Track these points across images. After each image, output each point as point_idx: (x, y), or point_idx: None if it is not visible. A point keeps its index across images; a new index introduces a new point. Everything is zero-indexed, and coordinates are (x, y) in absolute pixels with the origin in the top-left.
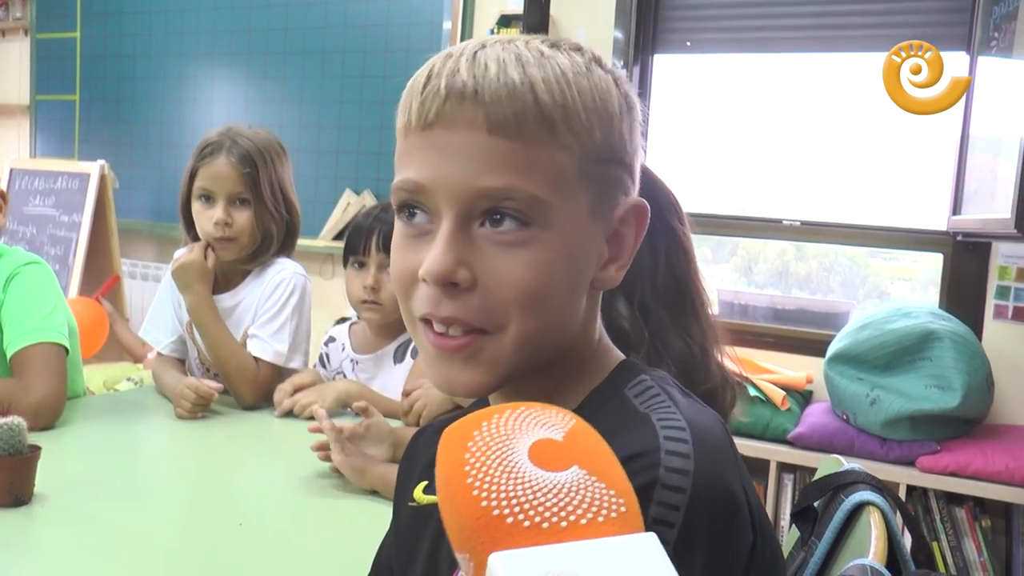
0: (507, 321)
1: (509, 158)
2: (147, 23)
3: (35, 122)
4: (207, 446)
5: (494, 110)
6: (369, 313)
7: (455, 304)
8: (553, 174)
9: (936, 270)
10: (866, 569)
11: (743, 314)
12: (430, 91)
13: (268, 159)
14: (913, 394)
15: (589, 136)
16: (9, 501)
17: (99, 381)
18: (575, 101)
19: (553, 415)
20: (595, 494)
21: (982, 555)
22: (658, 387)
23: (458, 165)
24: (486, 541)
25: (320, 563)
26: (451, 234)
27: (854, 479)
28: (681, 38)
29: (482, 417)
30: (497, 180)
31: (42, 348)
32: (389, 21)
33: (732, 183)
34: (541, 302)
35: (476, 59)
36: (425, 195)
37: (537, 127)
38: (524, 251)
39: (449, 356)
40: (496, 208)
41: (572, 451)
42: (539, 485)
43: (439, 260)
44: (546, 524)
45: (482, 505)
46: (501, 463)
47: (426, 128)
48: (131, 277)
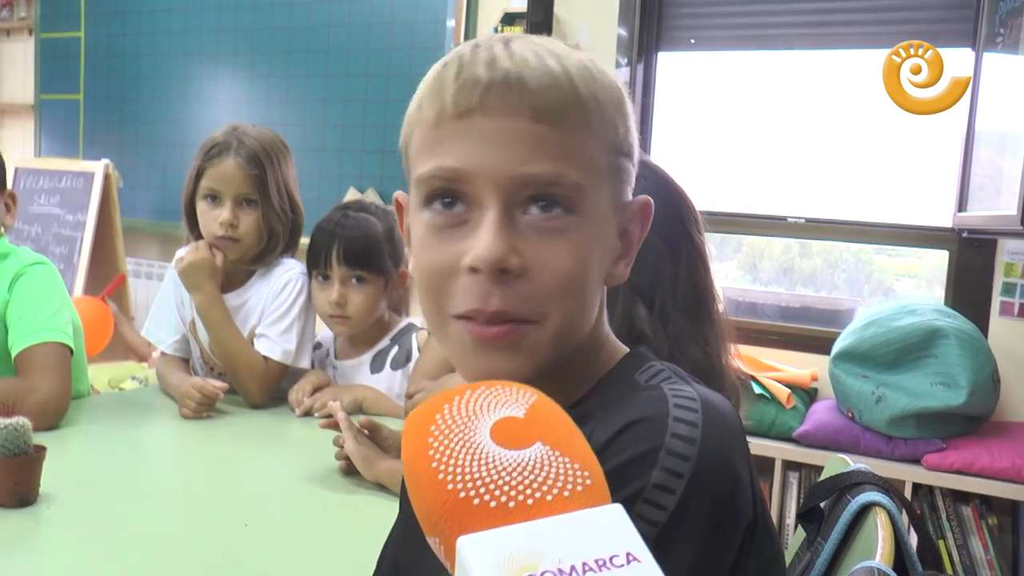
0: (549, 311)
1: (552, 145)
2: (151, 22)
3: (40, 121)
4: (213, 446)
5: (539, 98)
6: (338, 326)
7: (504, 295)
8: (588, 163)
9: (941, 267)
10: (873, 571)
11: (748, 312)
12: (467, 79)
13: (274, 159)
14: (919, 392)
15: (613, 129)
16: (15, 501)
17: (104, 380)
18: (601, 94)
19: (514, 392)
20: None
21: (988, 553)
22: (669, 371)
23: (502, 152)
24: (454, 524)
25: (325, 563)
26: (500, 220)
27: (860, 479)
28: (685, 36)
29: (443, 400)
30: (542, 167)
31: (47, 348)
32: (393, 19)
33: (737, 180)
34: (579, 291)
35: (511, 49)
36: (465, 182)
37: (576, 116)
38: (566, 238)
39: (490, 346)
40: (540, 195)
41: (534, 427)
42: (503, 464)
43: (493, 246)
44: (512, 503)
45: (448, 488)
46: (464, 445)
47: (464, 116)
48: (135, 276)
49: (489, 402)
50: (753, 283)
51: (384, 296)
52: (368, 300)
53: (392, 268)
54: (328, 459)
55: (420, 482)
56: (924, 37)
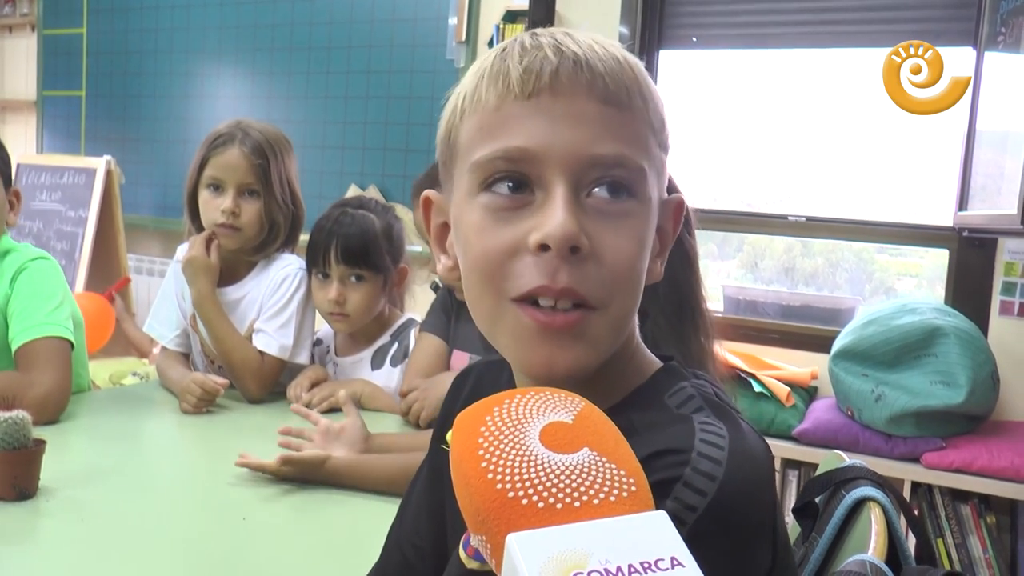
0: (612, 297)
1: (619, 128)
2: (153, 19)
3: (42, 118)
4: (212, 440)
5: (609, 79)
6: (337, 324)
7: (573, 273)
8: (647, 150)
9: (942, 266)
10: (866, 564)
11: (748, 310)
12: (535, 60)
13: (278, 152)
14: (918, 390)
15: (661, 122)
16: (14, 495)
17: (105, 376)
18: (654, 89)
19: (562, 399)
20: (606, 474)
21: (987, 552)
22: (700, 398)
23: (571, 131)
24: (501, 522)
25: (323, 558)
26: (569, 200)
27: (855, 475)
28: (687, 34)
29: (493, 403)
30: (611, 148)
31: (47, 342)
32: (395, 16)
33: (738, 179)
34: (638, 280)
35: (573, 37)
36: (533, 163)
37: (638, 101)
38: (628, 222)
39: (554, 334)
40: (605, 177)
41: (582, 433)
42: (551, 467)
43: (564, 222)
44: (559, 505)
45: (496, 488)
46: (514, 446)
47: (531, 96)
48: (137, 272)
49: (538, 406)
50: (754, 281)
51: (384, 293)
52: (367, 298)
53: (391, 265)
54: None
55: (469, 481)
56: (925, 36)
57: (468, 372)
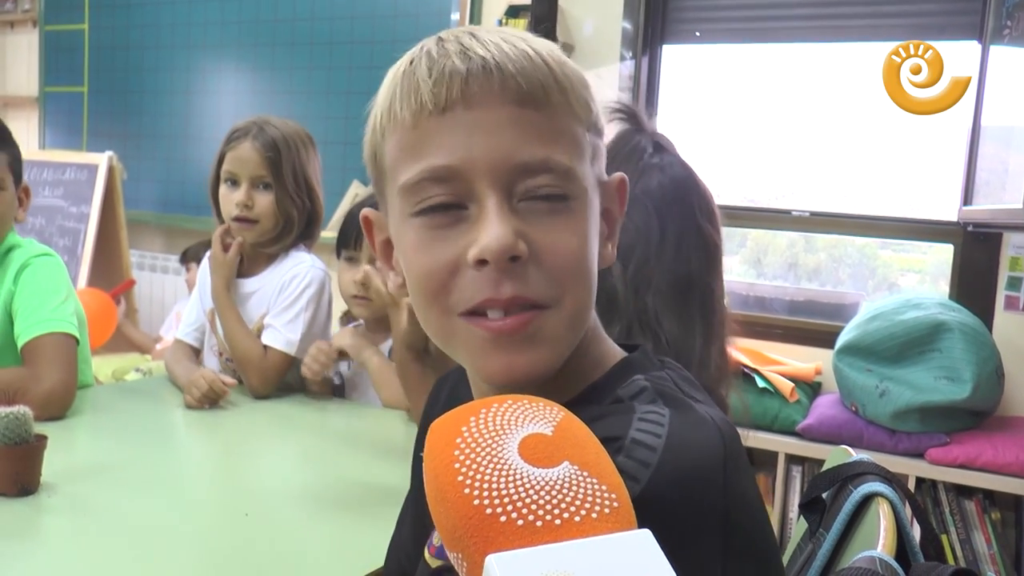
0: (563, 293)
1: (541, 129)
2: (155, 14)
3: (44, 114)
4: (215, 436)
5: (522, 80)
6: (359, 308)
7: (516, 282)
8: (574, 144)
9: (946, 261)
10: (875, 561)
11: (753, 306)
12: (443, 72)
13: (292, 146)
14: (922, 386)
15: (587, 108)
16: (15, 490)
17: (108, 372)
18: (573, 75)
19: (541, 408)
20: (587, 490)
21: (992, 548)
22: (653, 390)
23: (492, 141)
24: (479, 541)
25: (327, 554)
26: (500, 209)
27: (863, 470)
28: (690, 28)
29: (470, 411)
30: (534, 152)
31: (53, 338)
32: (396, 12)
33: (741, 174)
34: (588, 272)
35: (479, 38)
36: (459, 179)
37: (557, 96)
38: (567, 220)
39: (508, 340)
40: (534, 180)
41: (562, 446)
42: (531, 482)
43: (500, 234)
44: (540, 523)
45: (474, 504)
46: (492, 459)
47: (445, 111)
48: (139, 268)
49: (516, 417)
50: (758, 277)
51: None
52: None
53: None
54: (331, 450)
55: (445, 496)
56: (931, 30)
57: (446, 378)
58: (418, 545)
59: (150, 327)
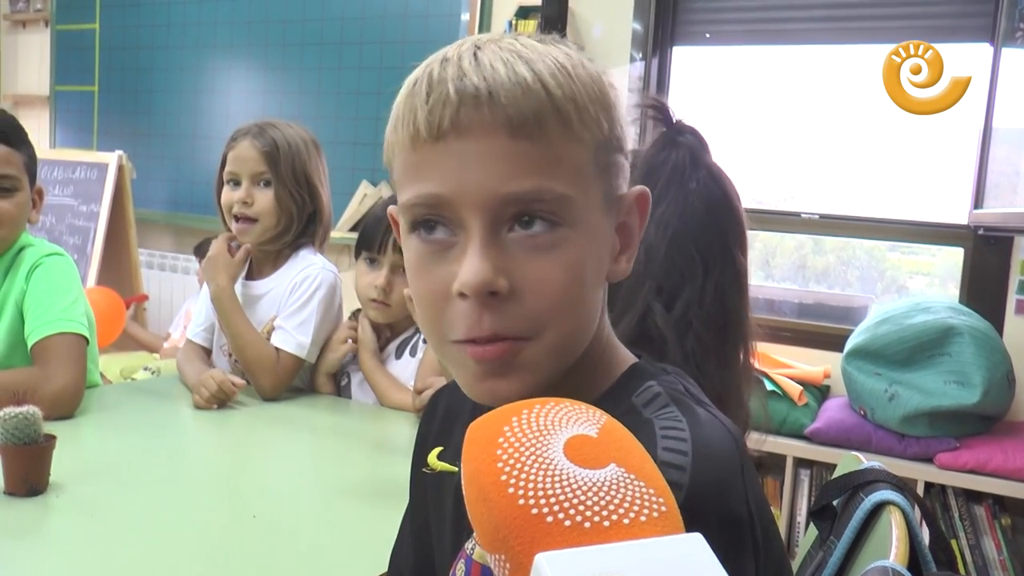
0: (543, 327)
1: (533, 159)
2: (165, 14)
3: (55, 113)
4: (224, 437)
5: (513, 111)
6: (376, 312)
7: (495, 317)
8: (574, 169)
9: (955, 264)
10: (887, 571)
11: (761, 308)
12: (438, 99)
13: (292, 145)
14: (932, 390)
15: (598, 127)
16: (24, 490)
17: (116, 371)
18: (581, 93)
19: (584, 411)
20: (635, 493)
21: (1002, 554)
22: (666, 395)
23: (482, 172)
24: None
25: (335, 554)
26: (484, 242)
27: (874, 478)
28: (700, 30)
29: (511, 412)
30: (524, 184)
31: (63, 338)
32: (407, 12)
33: (750, 176)
34: (575, 304)
35: (479, 60)
36: (449, 207)
37: (555, 123)
38: (557, 253)
39: (489, 365)
40: (525, 211)
41: (608, 448)
42: (578, 483)
43: (477, 270)
44: (588, 524)
45: (519, 503)
46: (537, 459)
47: (438, 139)
48: (148, 267)
49: (560, 418)
50: (766, 280)
51: None
52: None
53: None
54: (339, 452)
55: (488, 496)
56: (942, 32)
57: (441, 392)
58: (421, 562)
59: (159, 325)
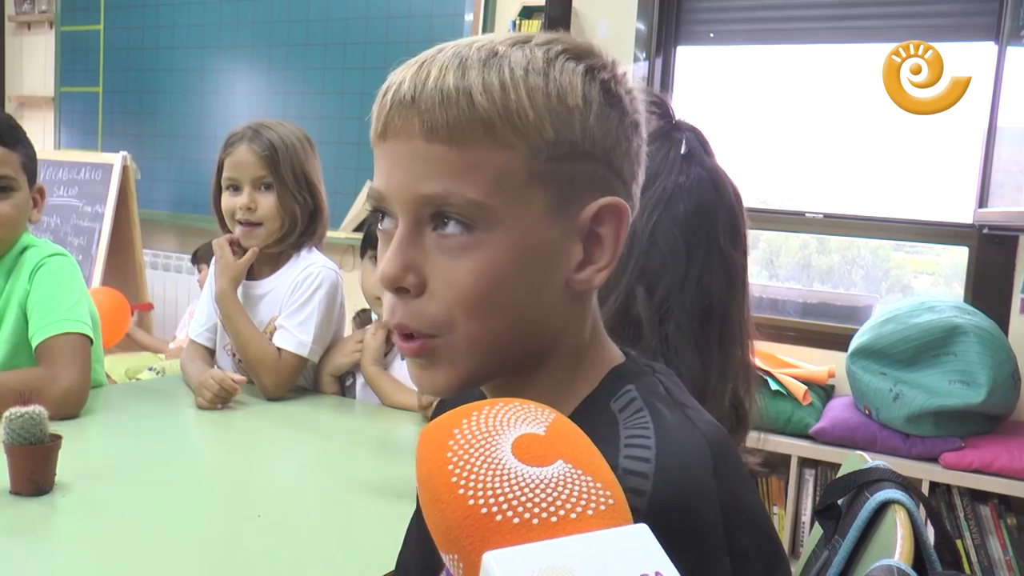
0: (451, 325)
1: (446, 163)
2: (170, 15)
3: (59, 114)
4: (228, 437)
5: (428, 117)
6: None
7: (404, 311)
8: (496, 176)
9: (960, 264)
10: (892, 570)
11: (765, 308)
12: (382, 102)
13: (289, 146)
14: (937, 389)
15: (539, 134)
16: (30, 490)
17: (121, 371)
18: (520, 100)
19: (533, 410)
20: (582, 487)
21: (1007, 554)
22: (641, 400)
23: (403, 172)
24: (476, 540)
25: (340, 555)
26: (402, 239)
27: (879, 477)
28: (704, 30)
29: (461, 414)
30: (435, 186)
31: (68, 338)
32: (411, 12)
33: (755, 176)
34: (485, 306)
35: (422, 67)
36: (385, 202)
37: (473, 131)
38: (468, 255)
39: (417, 359)
40: (440, 213)
41: (555, 445)
42: (526, 481)
43: (387, 265)
44: (536, 520)
45: (469, 504)
46: (485, 460)
47: (380, 139)
48: (152, 268)
49: (509, 418)
50: (771, 279)
51: None
52: None
53: None
54: (344, 452)
55: (439, 496)
56: (946, 31)
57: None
58: (423, 565)
59: (163, 326)
